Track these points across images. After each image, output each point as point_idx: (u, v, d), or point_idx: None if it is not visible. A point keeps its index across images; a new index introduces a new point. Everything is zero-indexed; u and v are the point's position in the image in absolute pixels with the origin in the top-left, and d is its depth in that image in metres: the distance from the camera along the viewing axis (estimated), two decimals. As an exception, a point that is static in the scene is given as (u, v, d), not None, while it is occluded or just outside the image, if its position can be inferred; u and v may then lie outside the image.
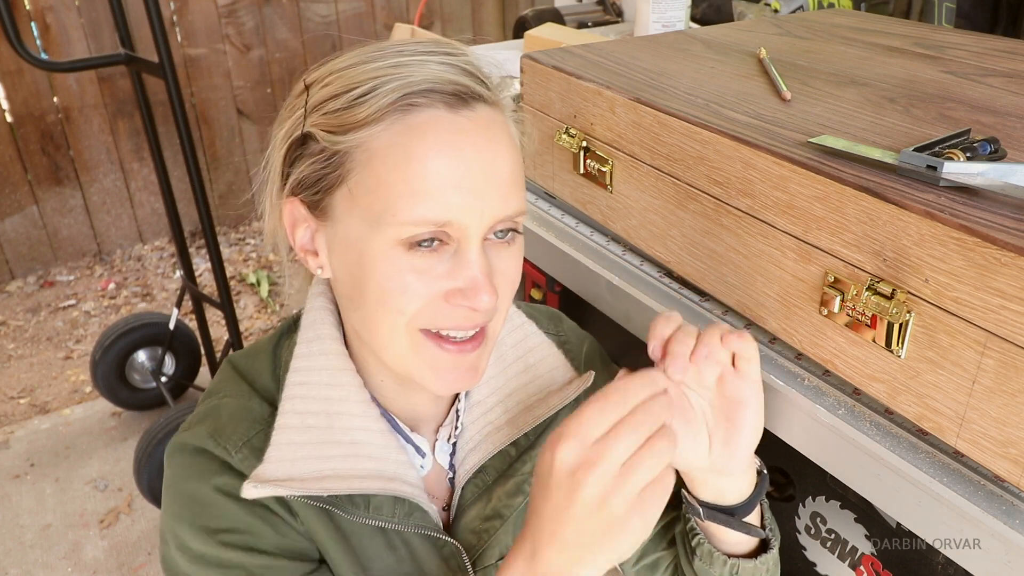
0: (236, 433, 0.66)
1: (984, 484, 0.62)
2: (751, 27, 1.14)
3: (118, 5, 1.88)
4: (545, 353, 0.77)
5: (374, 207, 0.59)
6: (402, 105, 0.58)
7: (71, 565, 1.96)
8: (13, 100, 3.02)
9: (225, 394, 0.69)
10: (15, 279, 3.24)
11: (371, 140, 0.58)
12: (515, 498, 0.74)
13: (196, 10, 3.25)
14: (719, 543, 0.75)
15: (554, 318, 0.84)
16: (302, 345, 0.69)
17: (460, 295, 0.60)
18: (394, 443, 0.68)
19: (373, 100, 0.58)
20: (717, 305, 0.87)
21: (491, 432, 0.73)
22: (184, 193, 2.59)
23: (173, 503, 0.65)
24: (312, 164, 0.61)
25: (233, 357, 0.73)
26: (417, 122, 0.58)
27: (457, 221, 0.58)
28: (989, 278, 0.55)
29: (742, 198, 0.74)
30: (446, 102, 0.59)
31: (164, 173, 2.05)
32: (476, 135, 0.59)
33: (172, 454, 0.67)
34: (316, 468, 0.64)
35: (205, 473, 0.64)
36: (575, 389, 0.75)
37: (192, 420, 0.69)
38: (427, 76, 0.59)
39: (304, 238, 0.66)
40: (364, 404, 0.68)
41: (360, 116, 0.58)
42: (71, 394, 2.59)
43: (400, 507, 0.67)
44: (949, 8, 1.43)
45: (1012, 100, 0.80)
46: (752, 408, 0.66)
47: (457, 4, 3.83)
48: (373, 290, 0.60)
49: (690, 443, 0.67)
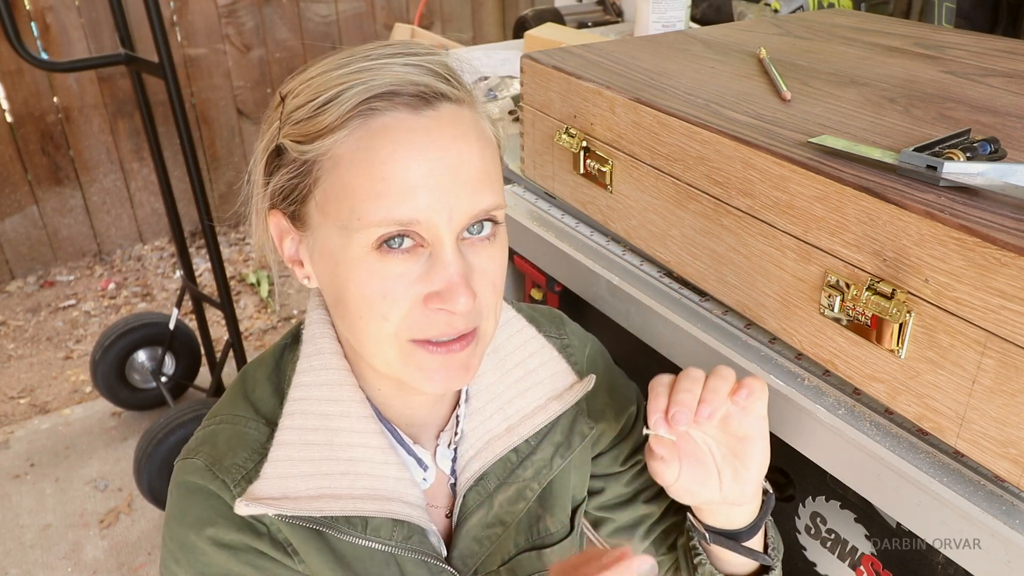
0: (234, 465, 0.65)
1: (984, 484, 0.62)
2: (751, 27, 1.14)
3: (118, 5, 1.88)
4: (546, 358, 0.77)
5: (342, 213, 0.58)
6: (364, 110, 0.58)
7: (71, 565, 1.96)
8: (13, 100, 3.02)
9: (223, 418, 0.69)
10: (15, 279, 3.24)
11: (335, 147, 0.58)
12: (517, 504, 0.73)
13: (196, 10, 3.25)
14: (721, 564, 0.75)
15: (556, 320, 0.83)
16: (303, 360, 0.68)
17: (437, 298, 0.58)
18: (394, 459, 0.67)
19: (335, 107, 0.58)
20: (717, 305, 0.87)
21: (491, 440, 0.72)
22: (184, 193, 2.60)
23: (170, 540, 0.65)
24: (286, 175, 0.61)
25: (248, 368, 0.73)
26: (379, 126, 0.58)
27: (424, 220, 0.57)
28: (989, 278, 0.55)
29: (742, 198, 0.74)
30: (408, 104, 0.58)
31: (164, 173, 2.05)
32: (439, 133, 0.58)
33: (174, 487, 0.66)
34: (312, 485, 0.64)
35: (201, 521, 0.64)
36: (575, 395, 0.75)
37: (194, 442, 0.68)
38: (389, 79, 0.58)
39: (291, 249, 0.66)
40: (364, 419, 0.67)
41: (324, 124, 0.58)
42: (71, 394, 2.59)
43: (399, 529, 0.66)
44: (949, 8, 1.43)
45: (1012, 100, 0.80)
46: (759, 444, 0.65)
47: (457, 4, 3.83)
48: (354, 298, 0.60)
49: (700, 482, 0.67)
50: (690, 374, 0.63)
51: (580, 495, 0.81)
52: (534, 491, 0.74)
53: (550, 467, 0.75)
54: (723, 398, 0.61)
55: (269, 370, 0.71)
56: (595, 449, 0.82)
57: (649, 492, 0.84)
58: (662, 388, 0.63)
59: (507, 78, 1.55)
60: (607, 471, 0.83)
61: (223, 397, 0.72)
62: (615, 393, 0.82)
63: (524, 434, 0.73)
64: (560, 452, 0.76)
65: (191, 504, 0.65)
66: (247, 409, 0.69)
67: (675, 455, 0.66)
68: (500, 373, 0.74)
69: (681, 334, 0.85)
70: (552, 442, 0.75)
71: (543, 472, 0.75)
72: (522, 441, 0.73)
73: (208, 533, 0.63)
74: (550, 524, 0.78)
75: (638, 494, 0.84)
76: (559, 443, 0.76)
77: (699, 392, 0.61)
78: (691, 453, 0.67)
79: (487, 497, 0.72)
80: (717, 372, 0.63)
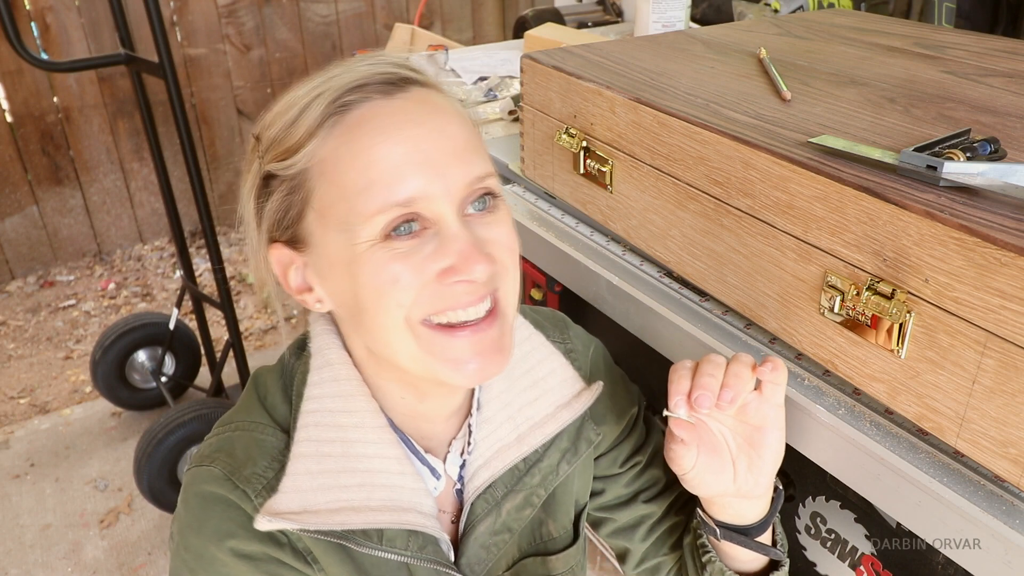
0: (254, 475, 0.64)
1: (984, 484, 0.62)
2: (751, 27, 1.14)
3: (118, 5, 1.88)
4: (555, 365, 0.76)
5: (340, 214, 0.58)
6: (337, 108, 0.58)
7: (71, 565, 1.96)
8: (13, 100, 3.02)
9: (238, 425, 0.68)
10: (15, 279, 3.24)
11: (318, 151, 0.59)
12: (524, 511, 0.73)
13: (196, 10, 3.25)
14: (731, 561, 0.75)
15: (560, 324, 0.83)
16: (314, 373, 0.67)
17: (453, 272, 0.58)
18: (410, 469, 0.67)
19: (308, 113, 0.59)
20: (717, 305, 0.87)
21: (501, 449, 0.72)
22: (184, 193, 2.59)
23: (186, 551, 0.64)
24: (278, 199, 0.61)
25: (259, 373, 0.72)
26: (355, 118, 0.58)
27: (423, 197, 0.57)
28: (989, 278, 0.55)
29: (742, 198, 0.74)
30: (379, 91, 0.59)
31: (164, 173, 2.05)
32: (416, 111, 0.59)
33: (187, 497, 0.65)
34: (331, 498, 0.63)
35: (220, 532, 0.63)
36: (583, 403, 0.75)
37: (209, 449, 0.67)
38: (355, 76, 0.59)
39: (296, 279, 0.65)
40: (379, 429, 0.66)
41: (301, 133, 0.59)
42: (71, 394, 2.59)
43: (414, 540, 0.66)
44: (949, 8, 1.43)
45: (1012, 100, 0.80)
46: (775, 433, 0.65)
47: (457, 4, 3.83)
48: (368, 293, 0.59)
49: (715, 473, 0.67)
50: (712, 359, 0.63)
51: (583, 500, 0.81)
52: (540, 497, 0.74)
53: (556, 473, 0.75)
54: (745, 383, 0.62)
55: (277, 376, 0.71)
56: (596, 451, 0.82)
57: (649, 492, 0.84)
58: (684, 371, 0.63)
59: (507, 78, 1.55)
60: (607, 472, 0.83)
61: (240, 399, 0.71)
62: (616, 396, 0.82)
63: (534, 444, 0.72)
64: (567, 458, 0.75)
65: (209, 515, 0.63)
66: (263, 415, 0.68)
67: (695, 439, 0.66)
68: (509, 381, 0.74)
69: (681, 334, 0.85)
70: (559, 448, 0.75)
71: (550, 478, 0.74)
72: (531, 451, 0.73)
73: (229, 545, 0.62)
74: (552, 529, 0.78)
75: (638, 494, 0.84)
76: (566, 449, 0.75)
77: (721, 377, 0.62)
78: (707, 441, 0.67)
79: (495, 505, 0.72)
80: (738, 358, 0.63)
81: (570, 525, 0.80)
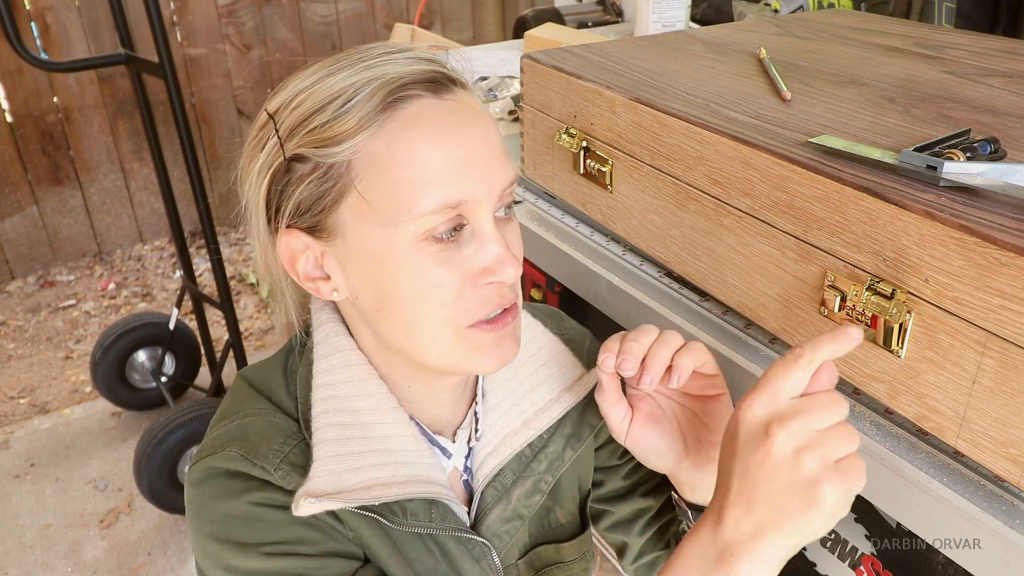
0: (271, 451, 0.64)
1: (984, 484, 0.62)
2: (751, 27, 1.14)
3: (118, 5, 1.88)
4: (555, 351, 0.78)
5: (388, 207, 0.59)
6: (390, 102, 0.59)
7: (71, 565, 1.96)
8: (13, 100, 3.02)
9: (247, 413, 0.68)
10: (15, 279, 3.24)
11: (369, 143, 0.59)
12: (533, 497, 0.74)
13: (196, 10, 3.25)
14: None
15: (555, 316, 0.84)
16: (321, 361, 0.67)
17: (488, 273, 0.61)
18: (425, 447, 0.68)
19: (359, 104, 0.58)
20: (717, 305, 0.87)
21: (508, 435, 0.73)
22: (184, 193, 2.60)
23: (211, 524, 0.63)
24: (308, 186, 0.60)
25: (246, 373, 0.72)
26: (409, 114, 0.59)
27: (471, 199, 0.59)
28: (989, 278, 0.55)
29: (742, 198, 0.74)
30: (429, 89, 0.60)
31: (164, 173, 2.05)
32: (465, 114, 0.61)
33: (202, 480, 0.64)
34: (362, 478, 0.64)
35: (242, 492, 0.62)
36: (585, 387, 0.76)
37: (216, 442, 0.66)
38: (400, 71, 0.60)
39: (307, 266, 0.64)
40: (394, 411, 0.67)
41: (351, 123, 0.58)
42: (71, 394, 2.59)
43: (436, 510, 0.67)
44: (949, 8, 1.43)
45: (1012, 100, 0.80)
46: (720, 401, 0.68)
47: (457, 4, 3.83)
48: (407, 292, 0.60)
49: (666, 445, 0.69)
50: (644, 328, 0.66)
51: (586, 485, 0.83)
52: (548, 483, 0.75)
53: (562, 459, 0.76)
54: (661, 363, 0.64)
55: (278, 373, 0.71)
56: (596, 442, 0.83)
57: (647, 486, 0.85)
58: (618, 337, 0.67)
59: (507, 78, 1.55)
60: (607, 463, 0.84)
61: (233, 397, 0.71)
62: None
63: (540, 428, 0.74)
64: (571, 444, 0.77)
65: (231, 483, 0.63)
66: (269, 404, 0.68)
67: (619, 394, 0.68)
68: (513, 368, 0.75)
69: (681, 334, 0.85)
70: (563, 434, 0.76)
71: (556, 464, 0.76)
72: (537, 436, 0.74)
73: (254, 498, 0.62)
74: (560, 516, 0.79)
75: (636, 487, 0.85)
76: (570, 435, 0.77)
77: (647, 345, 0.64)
78: (646, 411, 0.69)
79: (505, 492, 0.73)
80: (661, 338, 0.65)
81: (576, 511, 0.81)
